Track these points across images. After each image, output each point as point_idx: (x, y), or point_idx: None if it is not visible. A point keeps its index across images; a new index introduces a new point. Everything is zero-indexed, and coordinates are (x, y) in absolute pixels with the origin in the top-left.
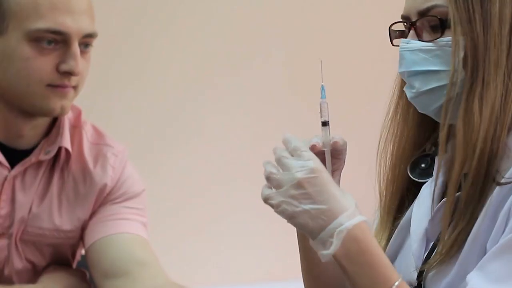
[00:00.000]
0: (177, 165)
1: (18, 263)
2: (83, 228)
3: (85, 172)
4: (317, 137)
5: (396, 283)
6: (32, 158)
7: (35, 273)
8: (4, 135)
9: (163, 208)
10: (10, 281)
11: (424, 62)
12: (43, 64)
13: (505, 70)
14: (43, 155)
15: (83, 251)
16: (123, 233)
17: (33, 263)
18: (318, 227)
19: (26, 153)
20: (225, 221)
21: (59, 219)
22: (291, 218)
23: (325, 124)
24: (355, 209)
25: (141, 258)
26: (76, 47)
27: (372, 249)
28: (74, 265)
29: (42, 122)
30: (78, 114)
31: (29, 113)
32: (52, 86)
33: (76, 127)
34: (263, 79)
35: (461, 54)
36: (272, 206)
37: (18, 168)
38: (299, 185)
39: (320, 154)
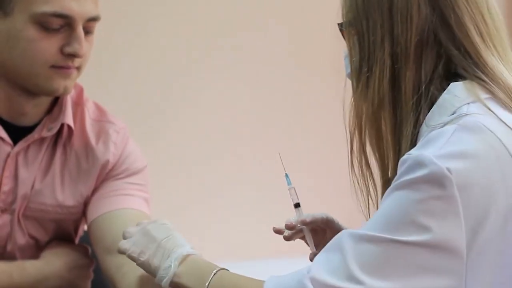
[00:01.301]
0: (176, 137)
1: (21, 239)
2: (85, 204)
3: (87, 148)
4: (294, 217)
5: (215, 270)
6: (35, 135)
7: (37, 248)
8: (7, 113)
9: (163, 183)
10: (13, 257)
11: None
12: (47, 46)
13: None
14: (46, 131)
15: (85, 227)
16: (126, 208)
17: (35, 239)
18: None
19: (28, 130)
20: (225, 193)
21: (62, 195)
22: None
23: (296, 206)
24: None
25: None
26: (80, 30)
27: (199, 261)
28: (77, 241)
29: (45, 100)
30: (80, 92)
31: (32, 92)
32: (56, 67)
33: (78, 105)
34: (263, 46)
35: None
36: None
37: (21, 144)
38: None
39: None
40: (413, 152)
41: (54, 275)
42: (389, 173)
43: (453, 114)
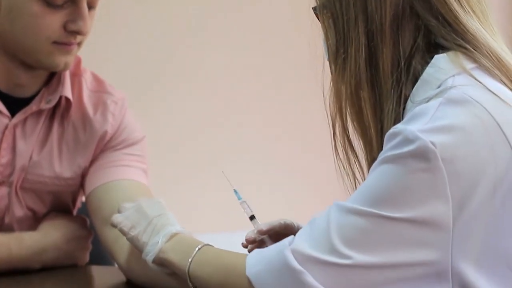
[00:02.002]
0: (175, 107)
1: (19, 211)
2: (83, 175)
3: (85, 119)
4: (252, 230)
5: (200, 246)
6: (33, 107)
7: (35, 220)
8: (5, 84)
9: (162, 153)
10: (10, 229)
11: None
12: (50, 22)
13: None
14: (44, 104)
15: (83, 198)
16: (124, 179)
17: (33, 210)
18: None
19: (26, 101)
20: (225, 162)
21: (59, 166)
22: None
23: (251, 218)
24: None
25: None
26: (85, 7)
27: (186, 239)
28: (75, 213)
29: (43, 72)
30: (78, 62)
31: (32, 66)
32: (57, 43)
33: (76, 75)
34: (264, 15)
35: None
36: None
37: (19, 116)
38: None
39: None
40: (399, 126)
41: (52, 247)
42: (374, 154)
43: (438, 87)
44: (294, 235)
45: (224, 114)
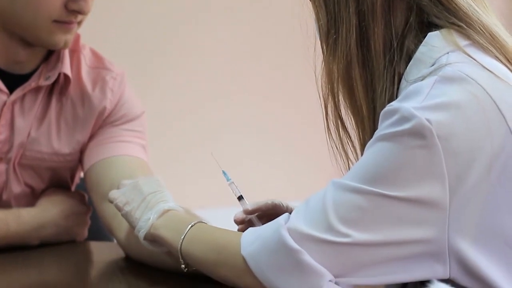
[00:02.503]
0: (174, 83)
1: (17, 188)
2: (82, 151)
3: (84, 96)
4: (240, 211)
5: (192, 223)
6: (31, 83)
7: (33, 197)
8: (3, 61)
9: (160, 128)
10: (8, 206)
11: None
12: (52, 0)
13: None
14: (43, 80)
15: (82, 175)
16: (123, 155)
17: (31, 187)
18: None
19: (24, 77)
20: (224, 138)
21: (58, 143)
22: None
23: (239, 198)
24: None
25: None
26: None
27: (179, 215)
28: (73, 188)
29: (42, 49)
30: (77, 38)
31: (31, 43)
32: (58, 21)
33: (75, 51)
34: None
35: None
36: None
37: (17, 93)
38: None
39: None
40: (394, 103)
41: (51, 223)
42: (366, 133)
43: (432, 65)
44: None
45: (223, 89)
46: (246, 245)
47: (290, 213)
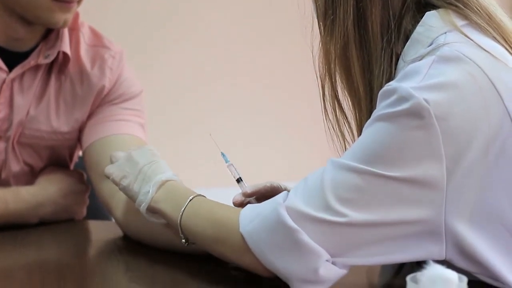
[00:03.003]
0: (173, 62)
1: (16, 166)
2: (80, 130)
3: (83, 74)
4: (239, 194)
5: (191, 196)
6: (31, 61)
7: (32, 175)
8: (2, 39)
9: (160, 107)
10: (7, 184)
11: None
12: None
13: None
14: (43, 59)
15: (80, 153)
16: (121, 134)
17: (30, 165)
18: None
19: (23, 55)
20: (222, 119)
21: (57, 121)
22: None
23: (238, 181)
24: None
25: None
26: None
27: (177, 187)
28: (72, 167)
29: (41, 27)
30: (75, 17)
31: (30, 21)
32: (58, 0)
33: (74, 30)
34: None
35: None
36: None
37: (16, 71)
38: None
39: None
40: (393, 83)
41: (49, 201)
42: (363, 114)
43: (430, 45)
44: None
45: (222, 70)
46: (245, 223)
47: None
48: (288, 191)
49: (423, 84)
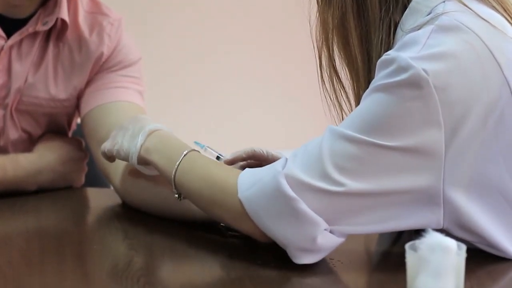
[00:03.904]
0: (173, 30)
1: (14, 134)
2: (79, 97)
3: (81, 41)
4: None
5: (186, 151)
6: (29, 28)
7: (30, 143)
8: (0, 5)
9: (158, 75)
10: (5, 152)
11: None
12: None
13: None
14: (41, 26)
15: (79, 120)
16: (120, 101)
17: (29, 133)
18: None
19: (22, 22)
20: (221, 87)
21: (55, 88)
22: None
23: (218, 158)
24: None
25: None
26: None
27: (168, 137)
28: (70, 135)
29: None
30: None
31: None
32: None
33: None
34: None
35: None
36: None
37: (15, 38)
38: None
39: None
40: (391, 53)
41: (48, 168)
42: (360, 84)
43: (428, 14)
44: (266, 163)
45: (221, 39)
46: (243, 189)
47: (275, 161)
48: (271, 155)
49: (421, 54)
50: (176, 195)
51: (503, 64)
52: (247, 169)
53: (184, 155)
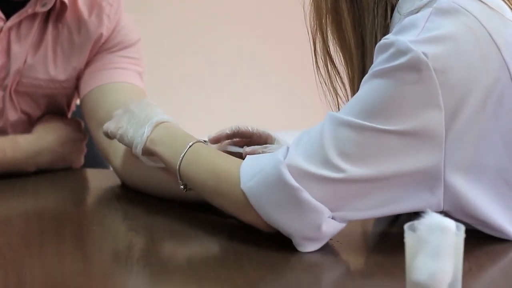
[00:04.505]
0: (172, 11)
1: (13, 115)
2: (78, 78)
3: (80, 22)
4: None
5: (191, 142)
6: (28, 10)
7: (29, 124)
8: None
9: (158, 57)
10: (5, 133)
11: None
12: None
13: None
14: (40, 7)
15: (78, 101)
16: (119, 82)
17: (28, 114)
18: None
19: (21, 4)
20: (221, 68)
21: (54, 69)
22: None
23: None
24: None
25: None
26: None
27: (174, 129)
28: (69, 116)
29: None
30: None
31: None
32: None
33: None
34: None
35: None
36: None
37: (14, 19)
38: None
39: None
40: (390, 37)
41: (47, 149)
42: (354, 68)
43: None
44: (253, 139)
45: (221, 20)
46: (246, 179)
47: (264, 140)
48: (256, 131)
49: (421, 37)
50: (182, 186)
51: (502, 46)
52: (248, 157)
53: (189, 146)
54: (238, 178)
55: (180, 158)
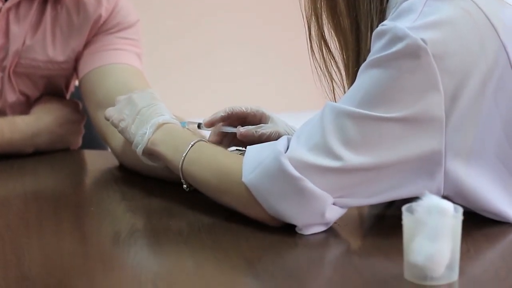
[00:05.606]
0: None
1: (12, 96)
2: (76, 59)
3: (79, 3)
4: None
5: (193, 142)
6: None
7: (28, 106)
8: None
9: (157, 39)
10: (3, 114)
11: None
12: None
13: None
14: None
15: (76, 83)
16: (117, 63)
17: (26, 95)
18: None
19: None
20: (219, 52)
21: (53, 50)
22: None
23: (199, 125)
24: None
25: (135, 89)
26: None
27: (176, 129)
28: (68, 97)
29: None
30: None
31: None
32: None
33: None
34: None
35: None
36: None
37: (12, 0)
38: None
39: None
40: (387, 23)
41: (45, 130)
42: (349, 53)
43: None
44: (248, 119)
45: (221, 3)
46: (248, 173)
47: (258, 119)
48: (249, 109)
49: (418, 23)
50: (185, 186)
51: (500, 29)
52: (249, 148)
53: (191, 146)
54: (240, 173)
55: (182, 158)
